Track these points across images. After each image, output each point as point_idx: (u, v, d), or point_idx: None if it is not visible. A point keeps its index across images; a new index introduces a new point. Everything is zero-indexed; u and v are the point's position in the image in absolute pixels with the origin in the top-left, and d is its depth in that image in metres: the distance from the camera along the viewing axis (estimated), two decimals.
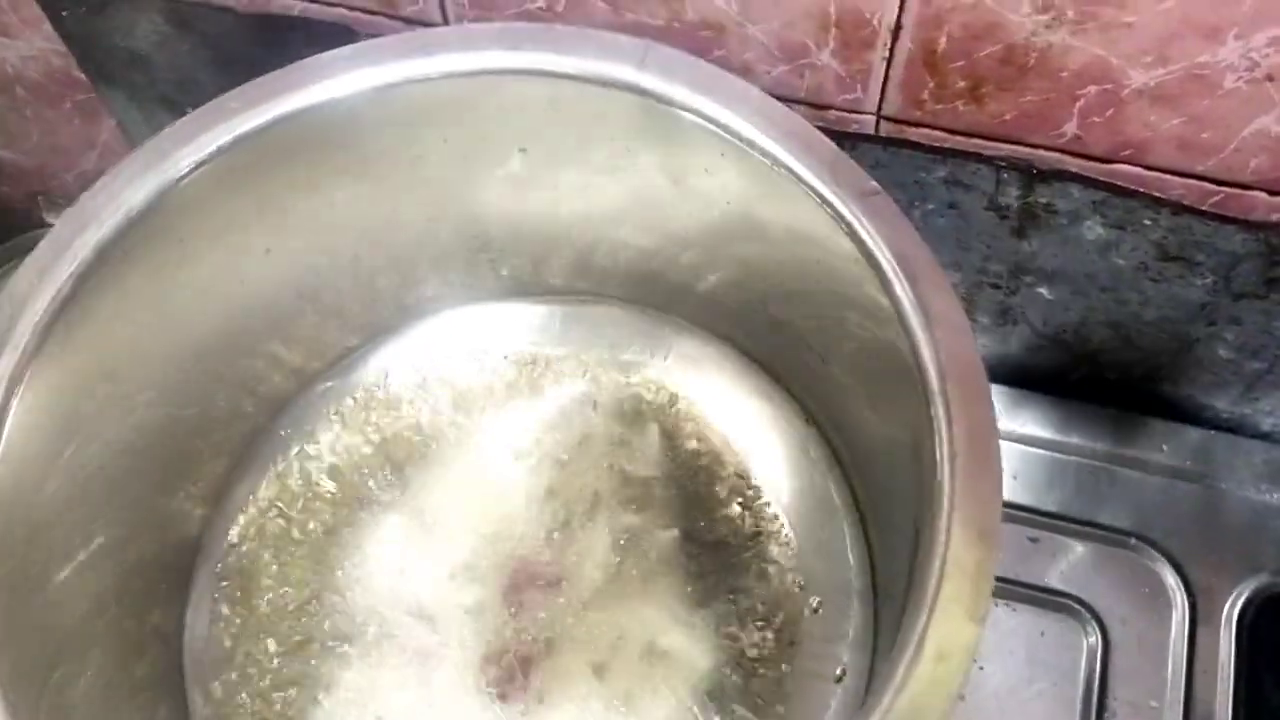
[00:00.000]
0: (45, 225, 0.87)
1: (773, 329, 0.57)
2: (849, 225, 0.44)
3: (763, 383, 0.60)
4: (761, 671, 0.54)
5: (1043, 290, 0.60)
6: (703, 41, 0.53)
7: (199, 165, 0.47)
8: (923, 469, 0.42)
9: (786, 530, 0.57)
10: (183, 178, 0.47)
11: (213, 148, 0.47)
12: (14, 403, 0.43)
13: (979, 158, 0.53)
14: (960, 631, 0.37)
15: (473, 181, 0.54)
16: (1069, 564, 0.62)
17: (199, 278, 0.51)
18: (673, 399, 0.60)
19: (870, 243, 0.43)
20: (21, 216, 0.88)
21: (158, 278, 0.49)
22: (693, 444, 0.59)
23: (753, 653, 0.54)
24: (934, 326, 0.42)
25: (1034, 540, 0.63)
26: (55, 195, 0.84)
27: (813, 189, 0.45)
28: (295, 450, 0.60)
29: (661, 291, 0.60)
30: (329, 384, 0.61)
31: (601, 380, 0.61)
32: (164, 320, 0.50)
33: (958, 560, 0.38)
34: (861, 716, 0.37)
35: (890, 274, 0.43)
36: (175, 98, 0.66)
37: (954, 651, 0.37)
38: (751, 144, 0.46)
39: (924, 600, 0.38)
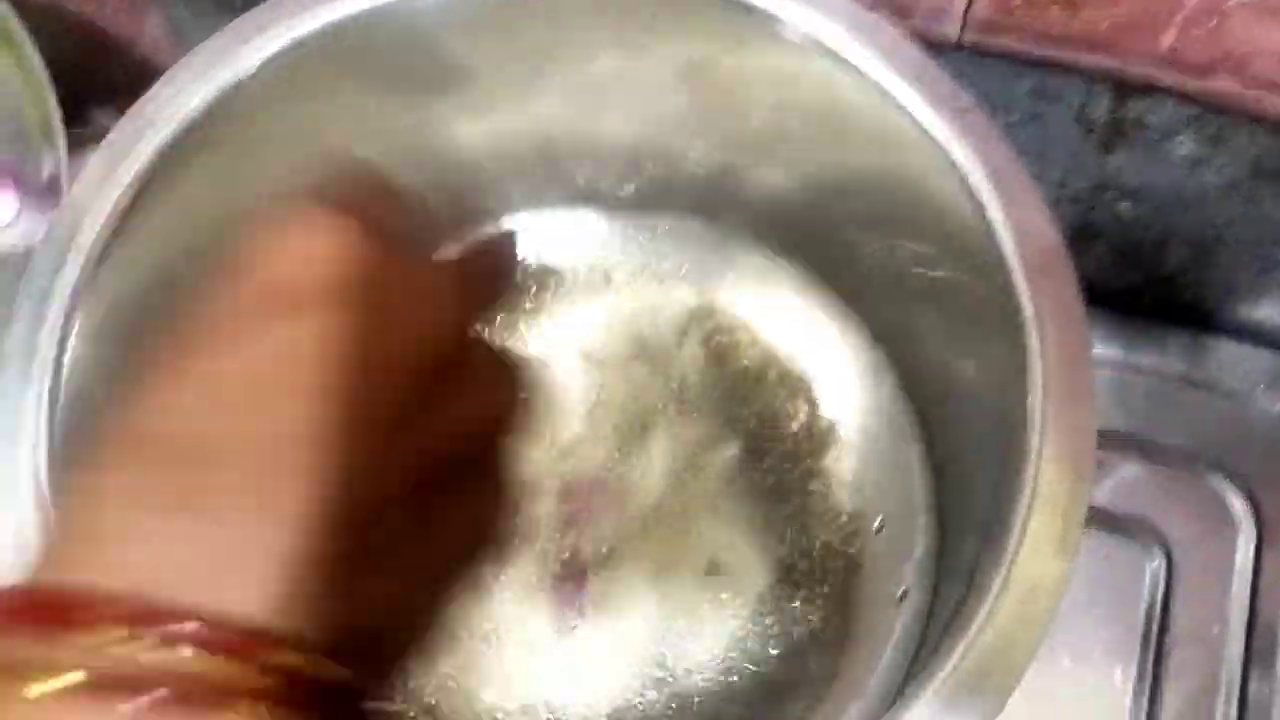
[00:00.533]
0: (88, 123, 0.86)
1: (844, 247, 0.55)
2: (939, 142, 0.42)
3: (829, 301, 0.58)
4: (823, 590, 0.54)
5: (1124, 208, 0.58)
6: None
7: (262, 67, 0.45)
8: (1007, 394, 0.41)
9: (850, 449, 0.56)
10: (245, 80, 0.45)
11: (276, 48, 0.45)
12: (78, 313, 0.42)
13: (1069, 69, 0.51)
14: (1050, 567, 0.36)
15: (542, 88, 0.52)
16: (1134, 486, 0.61)
17: (260, 183, 0.49)
18: (737, 315, 0.59)
19: (963, 162, 0.41)
20: (66, 113, 0.86)
21: (219, 184, 0.47)
22: (755, 360, 0.58)
23: (814, 571, 0.54)
24: (1029, 251, 0.40)
25: (1099, 462, 0.61)
26: (99, 91, 0.82)
27: (900, 104, 0.43)
28: None
29: (730, 205, 0.58)
30: None
31: (664, 294, 0.59)
32: (225, 227, 0.49)
33: (1049, 493, 0.37)
34: (946, 650, 0.36)
35: (984, 195, 0.41)
36: None
37: (1043, 587, 0.36)
38: (837, 54, 0.44)
39: (1012, 534, 0.37)
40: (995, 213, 0.41)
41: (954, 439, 0.52)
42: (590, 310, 0.59)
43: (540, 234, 0.61)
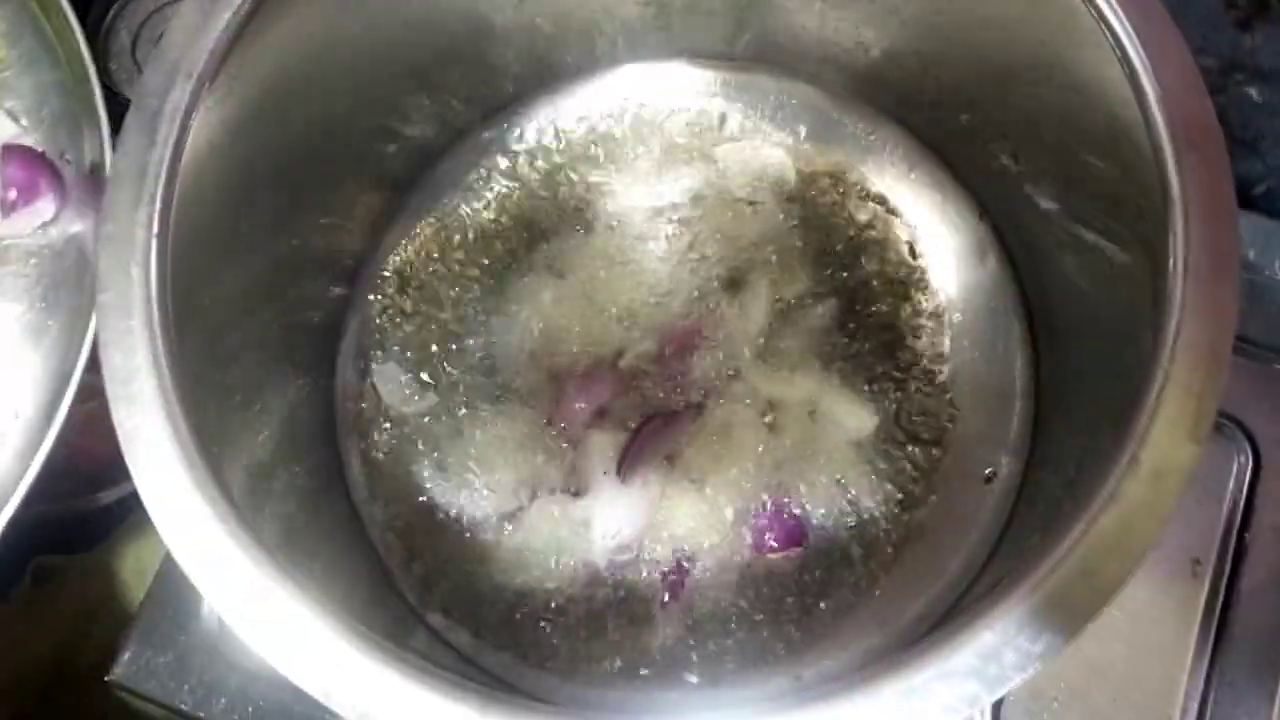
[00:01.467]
0: None
1: (958, 114, 0.53)
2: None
3: (937, 172, 0.57)
4: (909, 462, 0.53)
5: (1251, 91, 0.56)
6: None
7: None
8: (1136, 276, 0.40)
9: (949, 323, 0.55)
10: None
11: None
12: (193, 123, 0.41)
13: None
14: (1179, 451, 0.35)
15: None
16: (1228, 382, 0.60)
17: (368, 9, 0.48)
18: (842, 178, 0.57)
19: (1110, 16, 0.39)
20: None
21: (329, 16, 0.46)
22: (858, 223, 0.56)
23: (902, 441, 0.53)
24: (1178, 120, 0.38)
25: None
26: None
27: None
28: (450, 197, 0.58)
29: (843, 67, 0.56)
30: (488, 134, 0.59)
31: (770, 151, 0.58)
32: (331, 50, 0.48)
33: (1182, 377, 0.36)
34: (1065, 527, 0.35)
35: (1134, 58, 0.39)
36: None
37: (1170, 471, 0.35)
38: None
39: (1141, 415, 0.36)
40: (1144, 77, 0.39)
41: (1062, 320, 0.51)
42: (693, 166, 0.58)
43: (644, 86, 0.59)
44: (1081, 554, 0.35)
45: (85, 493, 0.78)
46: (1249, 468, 0.58)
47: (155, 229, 0.39)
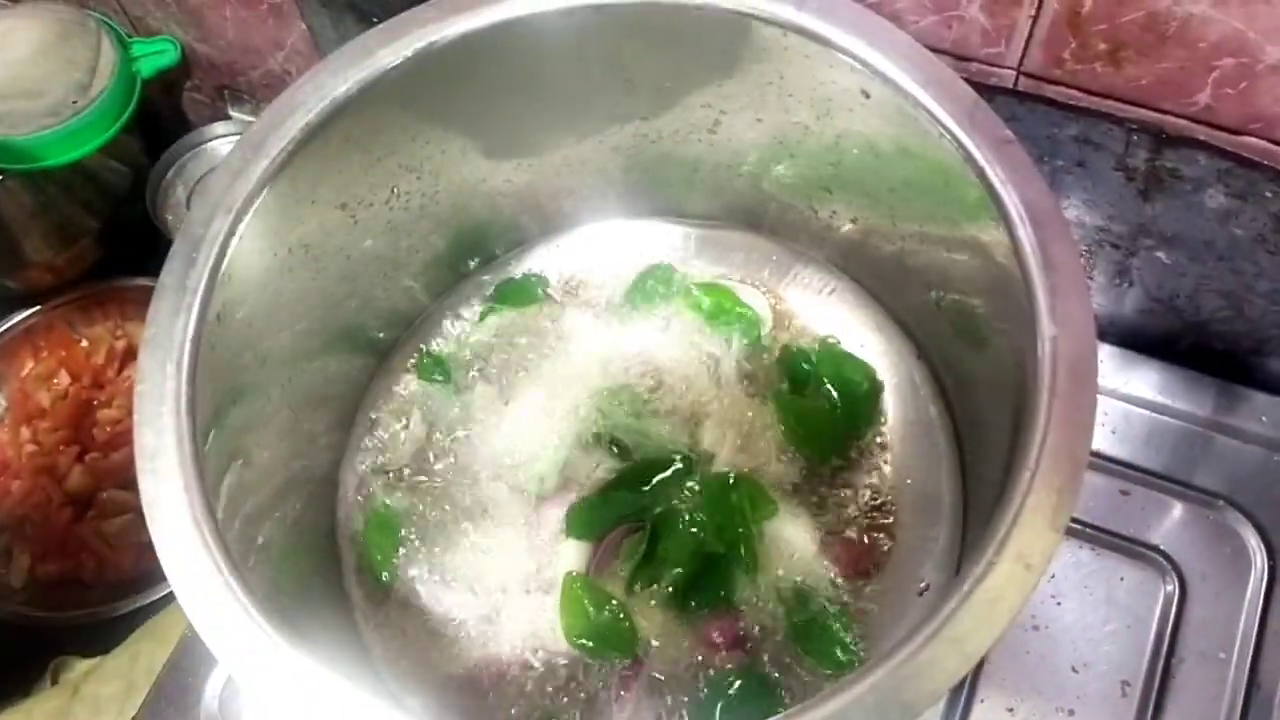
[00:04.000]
0: (226, 118, 0.95)
1: (892, 267, 0.60)
2: (980, 169, 0.47)
3: (878, 316, 0.64)
4: (850, 582, 0.58)
5: (1160, 254, 0.63)
6: None
7: (399, 65, 0.52)
8: (1024, 396, 0.46)
9: (887, 451, 0.61)
10: (384, 74, 0.52)
11: (411, 51, 0.52)
12: (229, 250, 0.49)
13: (1111, 119, 0.56)
14: (1041, 539, 0.41)
15: (624, 105, 0.59)
16: (1156, 519, 0.65)
17: (397, 162, 0.57)
18: (791, 323, 0.65)
19: (1000, 189, 0.47)
20: (205, 109, 0.95)
21: (353, 165, 0.55)
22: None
23: (846, 563, 0.59)
24: (1051, 272, 0.45)
25: (1125, 493, 0.65)
26: (240, 91, 0.90)
27: (949, 131, 0.48)
28: (449, 328, 0.67)
29: (790, 224, 0.64)
30: (484, 277, 0.68)
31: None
32: (350, 211, 0.56)
33: (1046, 477, 0.42)
34: (944, 601, 0.41)
35: (1016, 220, 0.46)
36: (363, 7, 0.72)
37: (1034, 555, 0.41)
38: (895, 84, 0.50)
39: (1010, 509, 0.42)
40: (1024, 236, 0.46)
41: (980, 446, 0.57)
42: (665, 309, 0.66)
43: (614, 240, 0.68)
44: (954, 626, 0.40)
45: (107, 601, 0.84)
46: (1175, 597, 0.63)
47: (190, 334, 0.47)
